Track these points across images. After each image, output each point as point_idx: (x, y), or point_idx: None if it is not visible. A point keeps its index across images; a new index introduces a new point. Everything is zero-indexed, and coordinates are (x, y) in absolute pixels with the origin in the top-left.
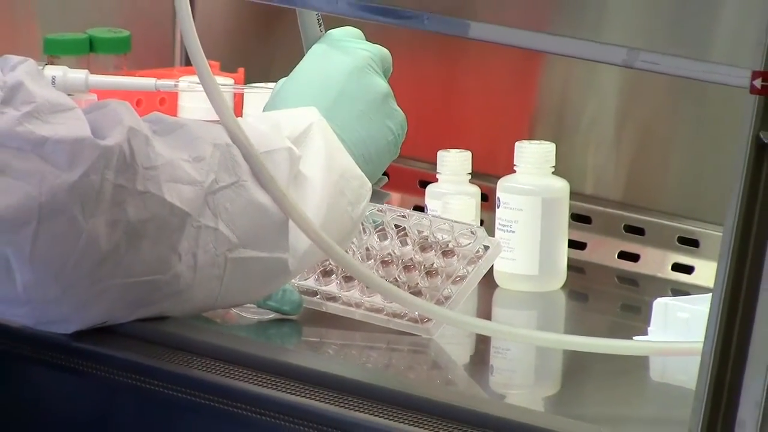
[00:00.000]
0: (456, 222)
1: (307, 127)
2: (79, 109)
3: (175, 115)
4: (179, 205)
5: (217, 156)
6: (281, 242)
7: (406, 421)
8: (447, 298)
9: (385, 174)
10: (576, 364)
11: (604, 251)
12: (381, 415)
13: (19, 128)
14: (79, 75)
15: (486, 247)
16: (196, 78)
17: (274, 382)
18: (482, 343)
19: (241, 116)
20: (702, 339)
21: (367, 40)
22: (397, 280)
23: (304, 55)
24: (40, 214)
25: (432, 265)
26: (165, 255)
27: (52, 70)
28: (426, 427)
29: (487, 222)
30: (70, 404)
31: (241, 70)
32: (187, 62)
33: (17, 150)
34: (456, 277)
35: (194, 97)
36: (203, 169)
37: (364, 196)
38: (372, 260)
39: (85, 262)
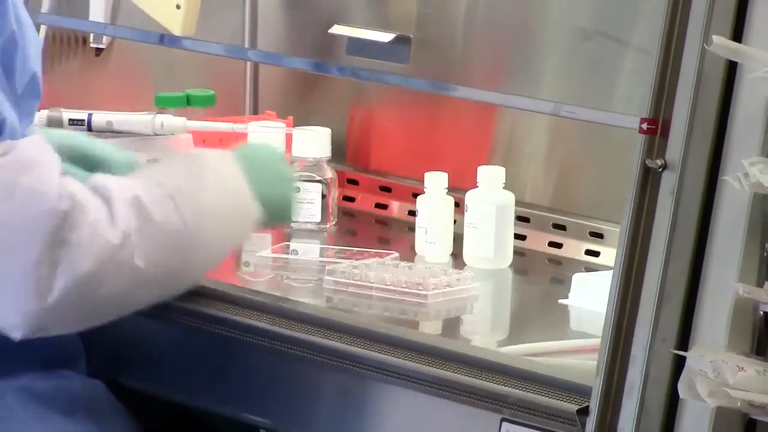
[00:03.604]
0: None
1: None
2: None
3: None
4: None
5: None
6: None
7: (401, 357)
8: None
9: (351, 198)
10: (519, 319)
11: (538, 241)
12: (384, 353)
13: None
14: (179, 120)
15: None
16: (260, 123)
17: (312, 331)
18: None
19: (290, 151)
20: (605, 304)
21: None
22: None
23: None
24: None
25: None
26: None
27: (161, 117)
28: (415, 361)
29: (459, 221)
30: (167, 347)
31: (291, 117)
32: (253, 111)
33: None
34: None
35: (258, 136)
36: None
37: None
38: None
39: None
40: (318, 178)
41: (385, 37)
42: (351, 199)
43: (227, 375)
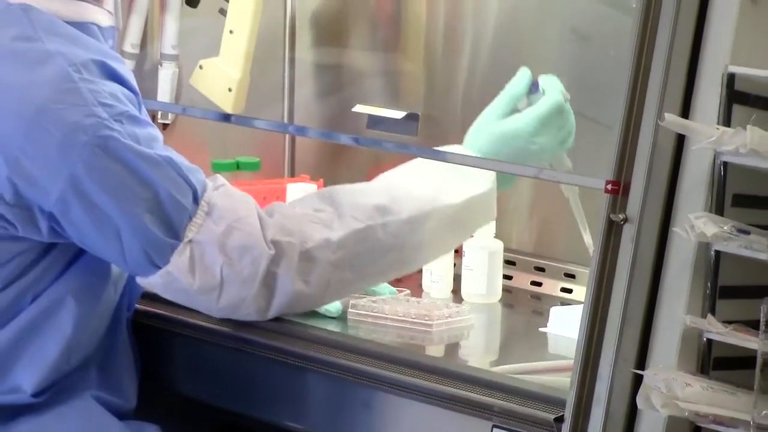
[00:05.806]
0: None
1: None
2: (251, 216)
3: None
4: None
5: None
6: None
7: (411, 375)
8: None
9: None
10: (507, 344)
11: (522, 280)
12: (397, 372)
13: (215, 239)
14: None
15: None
16: (296, 184)
17: (337, 354)
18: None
19: None
20: (577, 332)
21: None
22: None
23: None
24: (221, 285)
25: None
26: None
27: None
28: (422, 378)
29: (458, 264)
30: (227, 367)
31: (321, 179)
32: (291, 174)
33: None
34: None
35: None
36: None
37: None
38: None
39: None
40: None
41: (398, 114)
42: None
43: (273, 390)
